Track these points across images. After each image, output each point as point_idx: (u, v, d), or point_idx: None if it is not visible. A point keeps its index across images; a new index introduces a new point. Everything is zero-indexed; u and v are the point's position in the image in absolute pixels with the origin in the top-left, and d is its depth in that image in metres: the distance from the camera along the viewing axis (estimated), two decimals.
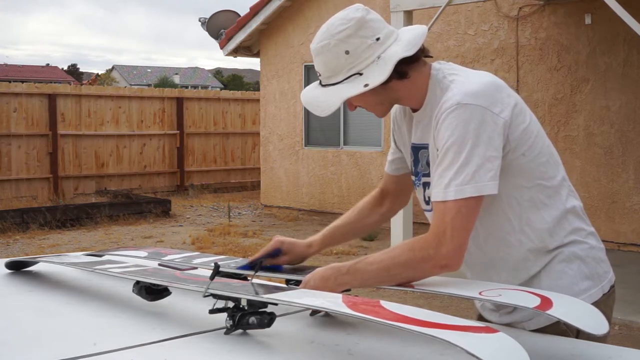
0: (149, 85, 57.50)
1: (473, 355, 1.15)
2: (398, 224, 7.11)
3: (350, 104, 1.79)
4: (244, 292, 1.55)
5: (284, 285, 1.67)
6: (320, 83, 1.77)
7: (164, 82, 58.90)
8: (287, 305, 1.54)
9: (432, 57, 1.82)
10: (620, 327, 5.20)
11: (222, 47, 11.90)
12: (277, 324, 1.52)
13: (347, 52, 1.69)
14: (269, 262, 1.94)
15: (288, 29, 11.24)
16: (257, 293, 1.55)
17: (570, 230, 1.78)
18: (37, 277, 2.18)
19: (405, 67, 1.72)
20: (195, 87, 62.00)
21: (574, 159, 8.35)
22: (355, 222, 2.06)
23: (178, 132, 14.72)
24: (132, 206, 11.37)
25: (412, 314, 1.35)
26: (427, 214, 1.83)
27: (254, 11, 11.21)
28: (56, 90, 13.53)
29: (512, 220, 1.76)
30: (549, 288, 1.70)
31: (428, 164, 1.78)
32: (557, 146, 8.97)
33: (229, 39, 11.69)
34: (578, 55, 8.27)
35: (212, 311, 1.55)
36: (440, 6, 6.77)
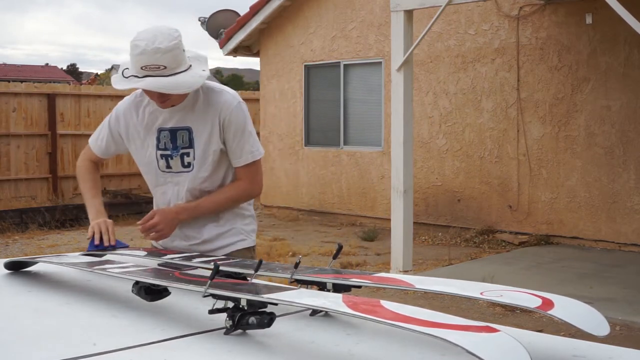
0: None
1: (474, 355, 1.15)
2: (398, 224, 7.10)
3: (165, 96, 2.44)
4: (243, 292, 1.54)
5: (284, 285, 1.66)
6: (163, 75, 2.30)
7: None
8: (287, 305, 1.54)
9: None
10: (620, 327, 5.20)
11: (221, 47, 11.89)
12: (277, 324, 1.52)
13: (184, 50, 2.37)
14: None
15: (288, 29, 11.23)
16: (257, 293, 1.54)
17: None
18: (36, 277, 2.18)
19: None
20: None
21: (575, 159, 8.34)
22: (98, 182, 2.89)
23: None
24: (131, 206, 11.36)
25: (412, 313, 1.35)
26: (177, 177, 2.61)
27: (254, 10, 11.20)
28: (55, 90, 13.52)
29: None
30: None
31: (190, 140, 2.50)
32: (557, 146, 8.88)
33: (229, 38, 11.68)
34: (579, 55, 8.27)
35: (211, 311, 1.55)
36: (441, 5, 6.76)
